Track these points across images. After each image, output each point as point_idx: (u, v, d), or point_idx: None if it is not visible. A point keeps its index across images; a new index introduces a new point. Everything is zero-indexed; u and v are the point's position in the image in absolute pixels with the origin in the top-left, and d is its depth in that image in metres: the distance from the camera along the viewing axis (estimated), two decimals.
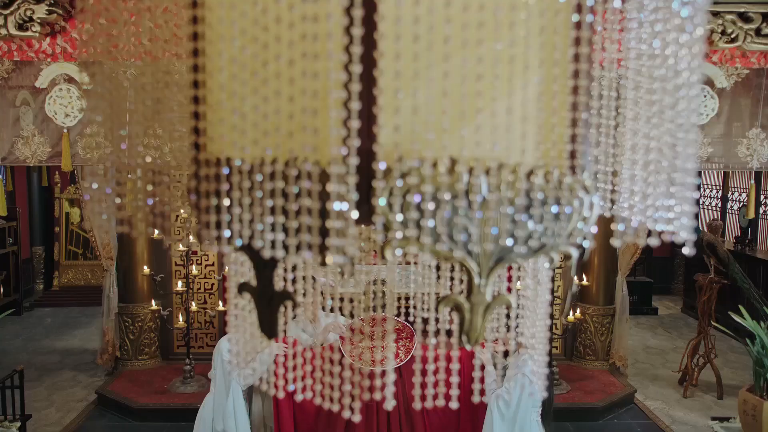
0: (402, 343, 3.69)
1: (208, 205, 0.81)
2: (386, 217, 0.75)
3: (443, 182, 0.75)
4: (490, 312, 0.84)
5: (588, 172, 0.90)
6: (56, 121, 3.08)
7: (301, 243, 0.70)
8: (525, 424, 3.40)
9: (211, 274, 6.91)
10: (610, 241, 1.06)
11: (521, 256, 0.84)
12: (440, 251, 0.79)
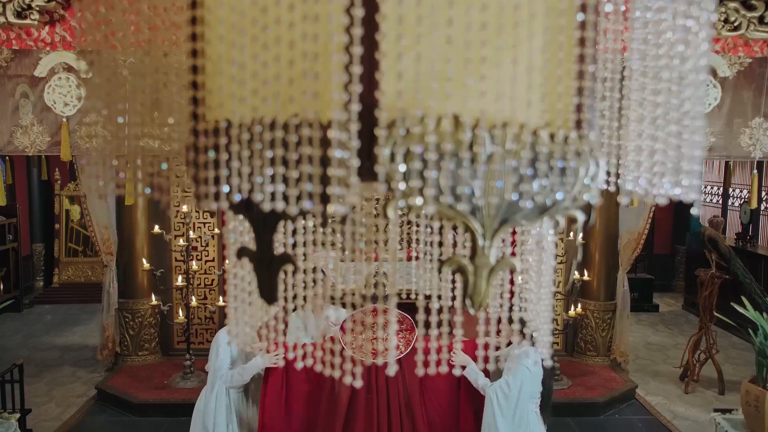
0: (402, 335, 3.67)
1: (206, 160, 0.79)
2: (389, 169, 0.73)
3: (447, 135, 0.74)
4: (494, 275, 0.82)
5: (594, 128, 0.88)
6: (55, 110, 3.06)
7: (301, 193, 0.68)
8: (524, 416, 3.39)
9: (211, 269, 6.90)
10: (617, 199, 1.04)
11: (526, 218, 0.82)
12: (444, 209, 0.77)
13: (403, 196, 0.77)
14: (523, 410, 3.38)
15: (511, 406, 3.35)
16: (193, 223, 6.72)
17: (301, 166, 0.69)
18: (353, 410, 3.62)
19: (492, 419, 3.37)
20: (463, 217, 0.77)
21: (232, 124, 0.83)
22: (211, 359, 3.77)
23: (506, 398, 3.36)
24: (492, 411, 3.37)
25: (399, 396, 3.63)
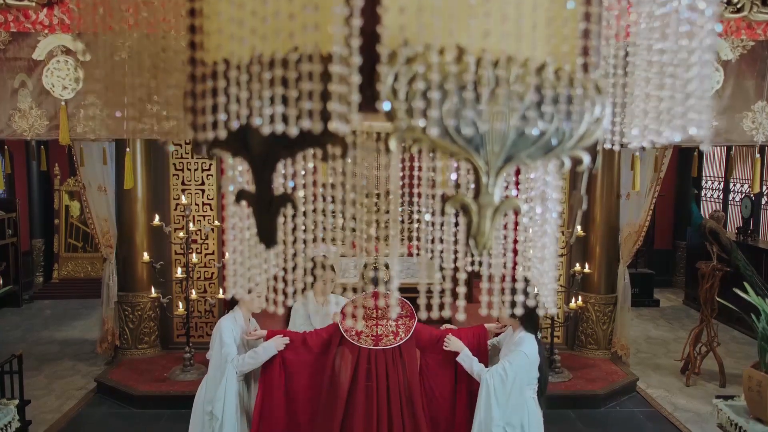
0: (403, 321, 3.65)
1: (204, 89, 0.77)
2: (391, 102, 0.71)
3: (450, 70, 0.72)
4: (498, 215, 0.80)
5: (600, 70, 0.86)
6: (54, 93, 3.04)
7: (301, 112, 0.66)
8: (519, 402, 3.36)
9: (211, 262, 6.88)
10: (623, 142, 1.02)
11: (531, 156, 0.80)
12: (447, 144, 0.75)
13: (405, 135, 0.75)
14: (519, 396, 3.36)
15: (506, 392, 3.33)
16: (193, 216, 6.70)
17: (300, 99, 0.67)
18: (353, 397, 3.60)
19: (486, 404, 3.34)
20: (466, 152, 0.75)
21: (230, 65, 0.81)
22: (215, 347, 3.72)
23: (503, 384, 3.34)
24: (487, 396, 3.35)
25: (399, 383, 3.60)
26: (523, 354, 3.36)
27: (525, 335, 3.45)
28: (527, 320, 3.44)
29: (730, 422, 3.74)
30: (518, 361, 3.35)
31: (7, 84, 3.08)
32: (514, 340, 3.49)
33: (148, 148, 6.63)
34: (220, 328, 3.68)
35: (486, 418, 3.33)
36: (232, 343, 3.64)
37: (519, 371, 3.35)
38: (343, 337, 3.63)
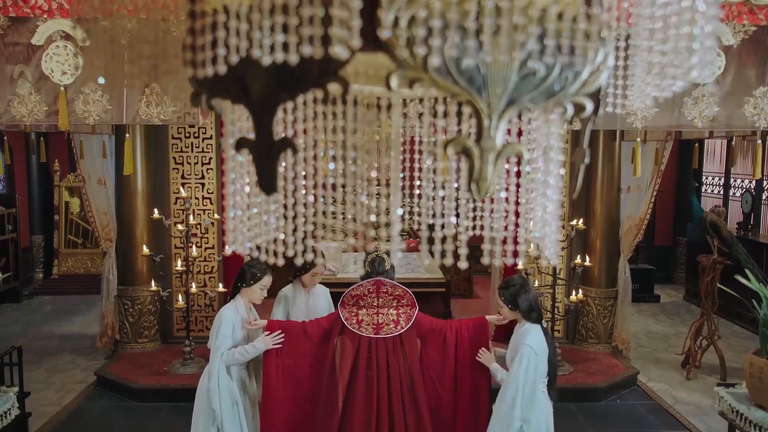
0: (403, 310, 3.64)
1: (203, 24, 0.76)
2: (392, 41, 0.70)
3: (452, 3, 0.71)
4: (501, 160, 0.79)
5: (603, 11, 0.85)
6: (53, 79, 3.03)
7: (302, 39, 0.65)
8: (533, 398, 3.30)
9: (211, 256, 6.87)
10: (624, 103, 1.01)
11: (533, 100, 0.79)
12: (448, 84, 0.74)
13: (407, 75, 0.74)
14: (533, 392, 3.30)
15: (524, 392, 3.26)
16: (193, 210, 6.69)
17: (301, 26, 0.66)
18: (353, 386, 3.59)
19: (508, 407, 3.26)
20: (467, 93, 0.74)
21: (230, 13, 0.80)
22: (212, 338, 3.70)
23: (522, 387, 3.25)
24: (510, 399, 3.26)
25: (400, 372, 3.59)
26: (528, 348, 3.30)
27: (530, 327, 3.40)
28: (528, 311, 3.41)
29: (731, 409, 3.73)
30: (526, 358, 3.28)
31: (5, 69, 3.07)
32: (518, 333, 3.45)
33: (148, 141, 6.63)
34: (221, 318, 3.65)
35: (506, 418, 3.26)
36: (228, 335, 3.61)
37: (529, 368, 3.28)
38: (344, 326, 3.62)
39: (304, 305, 4.24)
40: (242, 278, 3.72)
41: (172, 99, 3.02)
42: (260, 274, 3.68)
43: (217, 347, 3.60)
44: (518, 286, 3.47)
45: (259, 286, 3.69)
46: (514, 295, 3.43)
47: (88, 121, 3.02)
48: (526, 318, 3.44)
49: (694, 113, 3.19)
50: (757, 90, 3.19)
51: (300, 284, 4.30)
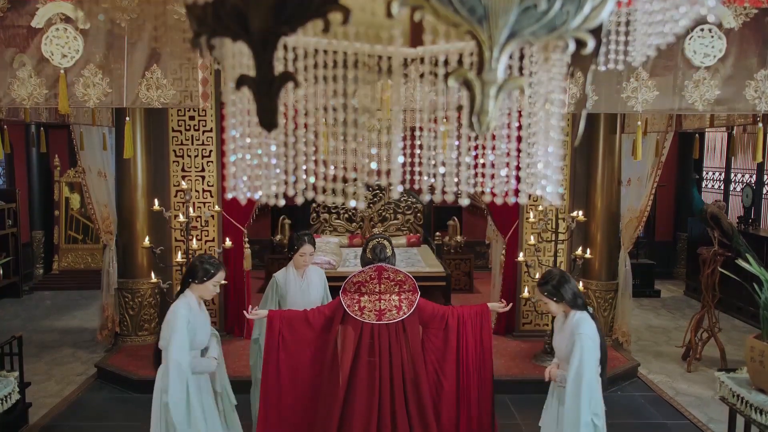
0: (405, 296, 3.64)
1: None
2: None
3: None
4: (502, 94, 0.79)
5: None
6: (53, 62, 3.02)
7: None
8: (592, 386, 3.16)
9: (211, 249, 6.87)
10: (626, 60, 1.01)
11: (534, 34, 0.79)
12: (450, 14, 0.74)
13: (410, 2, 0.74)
14: (591, 380, 3.18)
15: (590, 386, 3.15)
16: (193, 202, 6.68)
17: None
18: (355, 373, 3.59)
19: (575, 406, 3.13)
20: (469, 24, 0.74)
21: None
22: (165, 338, 3.34)
23: (586, 382, 3.13)
24: (575, 398, 3.14)
25: (402, 358, 3.58)
26: (585, 337, 3.15)
27: (580, 316, 3.26)
28: (573, 299, 3.28)
29: (732, 394, 3.72)
30: (586, 348, 3.14)
31: (5, 52, 3.07)
32: (570, 324, 3.28)
33: (148, 134, 6.63)
34: (175, 316, 3.34)
35: (577, 413, 3.13)
36: (184, 334, 3.28)
37: (592, 358, 3.15)
38: (346, 313, 3.61)
39: (298, 289, 4.24)
40: (193, 274, 3.46)
41: (172, 82, 3.02)
42: (213, 271, 3.45)
43: (174, 350, 3.22)
44: (558, 277, 3.36)
45: (212, 282, 3.45)
46: (556, 287, 3.30)
47: (88, 104, 3.02)
48: (572, 306, 3.31)
49: (694, 96, 3.19)
50: (758, 73, 3.18)
51: (293, 268, 4.29)
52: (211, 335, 3.62)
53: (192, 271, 3.48)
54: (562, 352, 3.36)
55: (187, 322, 3.32)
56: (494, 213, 7.09)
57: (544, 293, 3.36)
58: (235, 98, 0.91)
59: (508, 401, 5.70)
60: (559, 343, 3.40)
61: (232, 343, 6.72)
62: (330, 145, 1.12)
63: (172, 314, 3.38)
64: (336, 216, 10.64)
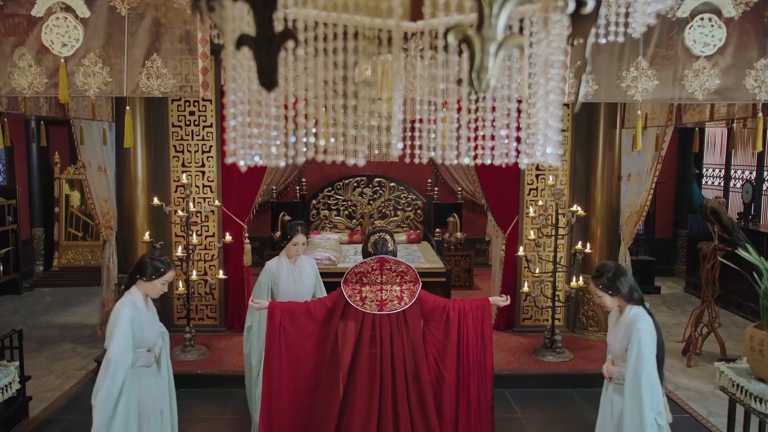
0: (407, 286, 3.64)
1: None
2: None
3: None
4: (502, 52, 0.79)
5: None
6: (53, 51, 3.02)
7: None
8: (653, 383, 3.04)
9: (211, 244, 6.87)
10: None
11: None
12: None
13: None
14: (651, 373, 3.06)
15: (652, 384, 3.03)
16: (193, 198, 6.69)
17: None
18: (356, 364, 3.58)
19: (638, 406, 3.03)
20: None
21: None
22: (108, 337, 3.19)
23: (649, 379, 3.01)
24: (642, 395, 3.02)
25: (404, 349, 3.58)
26: (644, 333, 3.05)
27: (637, 311, 3.16)
28: (630, 293, 3.18)
29: (731, 383, 3.72)
30: (645, 344, 3.04)
31: (6, 41, 3.07)
32: (626, 319, 3.18)
33: (148, 130, 6.63)
34: (118, 315, 3.18)
35: (636, 418, 3.03)
36: (128, 333, 3.15)
37: (649, 355, 3.04)
38: (347, 304, 3.60)
39: (290, 277, 4.25)
40: (142, 271, 3.32)
41: (172, 71, 3.03)
42: (164, 269, 3.33)
43: (114, 350, 3.10)
44: (613, 269, 3.24)
45: (161, 281, 3.34)
46: (611, 280, 3.18)
47: (89, 93, 3.02)
48: (628, 301, 3.20)
49: (694, 86, 3.19)
50: (758, 62, 3.18)
51: (285, 257, 4.29)
52: (159, 335, 3.48)
53: (141, 267, 3.35)
54: (616, 348, 3.24)
55: (131, 320, 3.18)
56: (494, 208, 7.09)
57: (598, 286, 3.22)
58: (235, 62, 0.91)
59: (508, 395, 5.70)
60: (613, 339, 3.27)
61: (233, 339, 6.73)
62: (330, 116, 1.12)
63: (115, 312, 3.22)
64: (336, 213, 10.65)
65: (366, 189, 10.68)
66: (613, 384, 3.31)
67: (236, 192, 6.84)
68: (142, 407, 3.30)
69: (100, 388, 3.12)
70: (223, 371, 5.91)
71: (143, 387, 3.31)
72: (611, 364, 3.35)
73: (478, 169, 6.98)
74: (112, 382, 3.07)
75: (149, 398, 3.35)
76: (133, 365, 3.22)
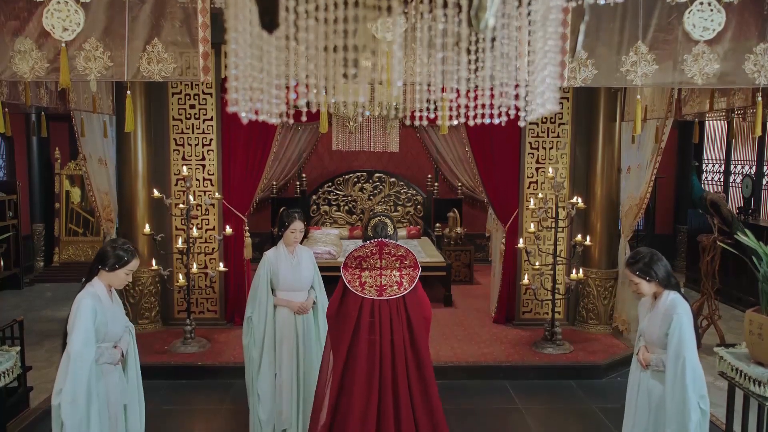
0: (406, 271, 3.64)
1: None
2: None
3: None
4: None
5: None
6: (54, 35, 3.03)
7: None
8: (695, 366, 3.01)
9: (212, 237, 6.88)
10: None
11: None
12: None
13: None
14: (692, 358, 3.02)
15: (695, 370, 3.01)
16: (194, 191, 6.70)
17: None
18: (355, 351, 3.57)
19: (682, 393, 3.00)
20: None
21: None
22: (70, 332, 3.05)
23: (692, 363, 2.99)
24: (685, 381, 3.00)
25: (403, 334, 3.56)
26: (684, 317, 3.02)
27: (675, 297, 3.13)
28: (667, 278, 3.15)
29: (731, 368, 3.74)
30: (686, 329, 3.01)
31: (7, 25, 3.08)
32: (664, 305, 3.13)
33: (148, 123, 6.64)
34: (79, 306, 3.03)
35: (679, 402, 3.01)
36: (90, 328, 3.00)
37: (690, 338, 3.01)
38: (347, 289, 3.59)
39: (289, 266, 4.25)
40: (103, 261, 3.13)
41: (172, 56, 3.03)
42: (127, 258, 3.13)
43: (76, 342, 2.98)
44: (649, 255, 3.19)
45: (124, 270, 3.14)
46: (648, 265, 3.14)
47: (89, 77, 3.02)
48: (665, 286, 3.15)
49: (694, 70, 3.19)
50: (757, 47, 3.19)
51: (283, 246, 4.30)
52: (125, 329, 3.31)
53: (102, 256, 3.14)
54: (654, 335, 3.17)
55: (93, 312, 3.00)
56: (494, 201, 7.10)
57: (635, 273, 3.17)
58: (236, 11, 0.92)
59: (508, 387, 5.71)
60: (650, 326, 3.21)
61: (233, 332, 6.74)
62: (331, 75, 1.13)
63: (76, 305, 3.03)
64: (336, 208, 10.67)
65: (366, 184, 10.70)
66: (650, 371, 3.24)
67: (236, 185, 6.85)
68: (109, 402, 3.16)
69: (63, 386, 2.94)
70: (223, 363, 5.92)
71: (108, 383, 3.15)
72: (646, 351, 3.29)
73: (478, 162, 6.99)
74: (75, 379, 2.92)
75: (114, 393, 3.19)
76: (96, 361, 3.06)
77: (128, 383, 3.33)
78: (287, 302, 4.26)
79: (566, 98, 6.83)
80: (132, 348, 3.37)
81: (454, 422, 4.94)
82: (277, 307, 4.27)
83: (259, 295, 4.22)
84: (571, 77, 3.16)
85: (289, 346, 4.26)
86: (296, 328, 4.28)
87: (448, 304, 8.01)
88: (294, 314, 4.27)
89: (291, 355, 4.26)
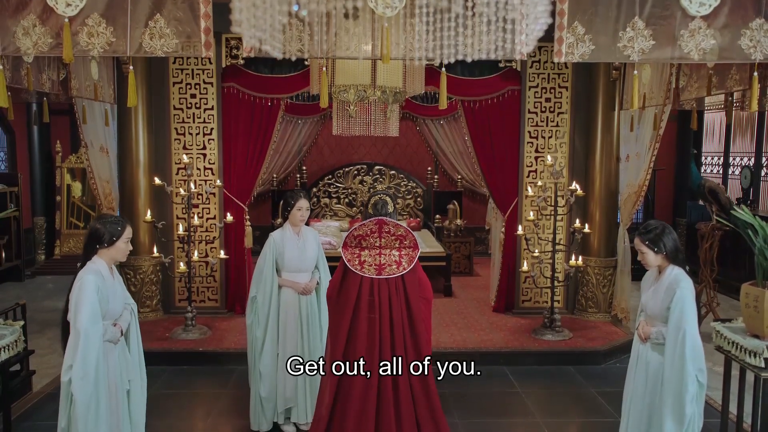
0: (405, 251, 3.67)
1: None
2: None
3: None
4: None
5: None
6: (57, 10, 3.06)
7: None
8: (695, 338, 3.04)
9: (212, 226, 6.91)
10: None
11: None
12: None
13: None
14: (693, 333, 3.06)
15: (695, 343, 3.04)
16: (195, 180, 6.74)
17: None
18: (355, 329, 3.59)
19: (681, 365, 3.03)
20: None
21: None
22: (73, 310, 3.02)
23: (693, 337, 3.03)
24: (679, 357, 3.04)
25: (402, 313, 3.59)
26: (687, 292, 3.06)
27: (679, 272, 3.17)
28: (674, 251, 3.18)
29: (727, 341, 3.77)
30: (688, 303, 3.05)
31: (10, 2, 3.11)
32: (668, 279, 3.17)
33: (150, 112, 6.68)
34: (82, 283, 3.00)
35: (677, 372, 3.04)
36: (94, 302, 2.99)
37: (692, 311, 3.06)
38: (347, 268, 3.62)
39: (295, 246, 4.28)
40: (99, 239, 3.10)
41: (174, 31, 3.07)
42: (120, 227, 3.15)
43: (83, 319, 2.94)
44: (660, 226, 3.22)
45: (122, 240, 3.14)
46: (658, 236, 3.17)
47: (92, 53, 3.06)
48: (672, 260, 3.19)
49: (690, 46, 3.22)
50: (753, 22, 3.22)
51: (289, 227, 4.33)
52: (125, 307, 3.28)
53: (96, 235, 3.11)
54: (657, 308, 3.21)
55: (97, 289, 2.99)
56: (494, 190, 7.13)
57: (644, 242, 3.20)
58: None
59: (507, 372, 5.74)
60: (652, 299, 3.25)
61: (234, 320, 6.78)
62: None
63: (79, 282, 3.02)
64: (336, 201, 10.71)
65: (366, 177, 10.74)
66: (650, 343, 3.28)
67: (237, 174, 6.89)
68: (109, 382, 3.13)
69: (74, 362, 2.92)
70: (224, 349, 5.95)
71: (109, 362, 3.12)
72: (646, 324, 3.32)
73: (478, 151, 7.03)
74: (85, 354, 2.91)
75: (113, 371, 3.16)
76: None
77: (131, 358, 3.36)
78: (292, 283, 4.29)
79: (565, 87, 6.87)
80: (134, 325, 3.38)
81: (453, 404, 4.98)
82: (281, 287, 4.31)
83: (264, 276, 4.25)
84: (569, 53, 3.19)
85: (293, 326, 4.30)
86: (300, 309, 4.32)
87: (448, 294, 8.04)
88: (298, 295, 4.30)
89: (295, 335, 4.30)
